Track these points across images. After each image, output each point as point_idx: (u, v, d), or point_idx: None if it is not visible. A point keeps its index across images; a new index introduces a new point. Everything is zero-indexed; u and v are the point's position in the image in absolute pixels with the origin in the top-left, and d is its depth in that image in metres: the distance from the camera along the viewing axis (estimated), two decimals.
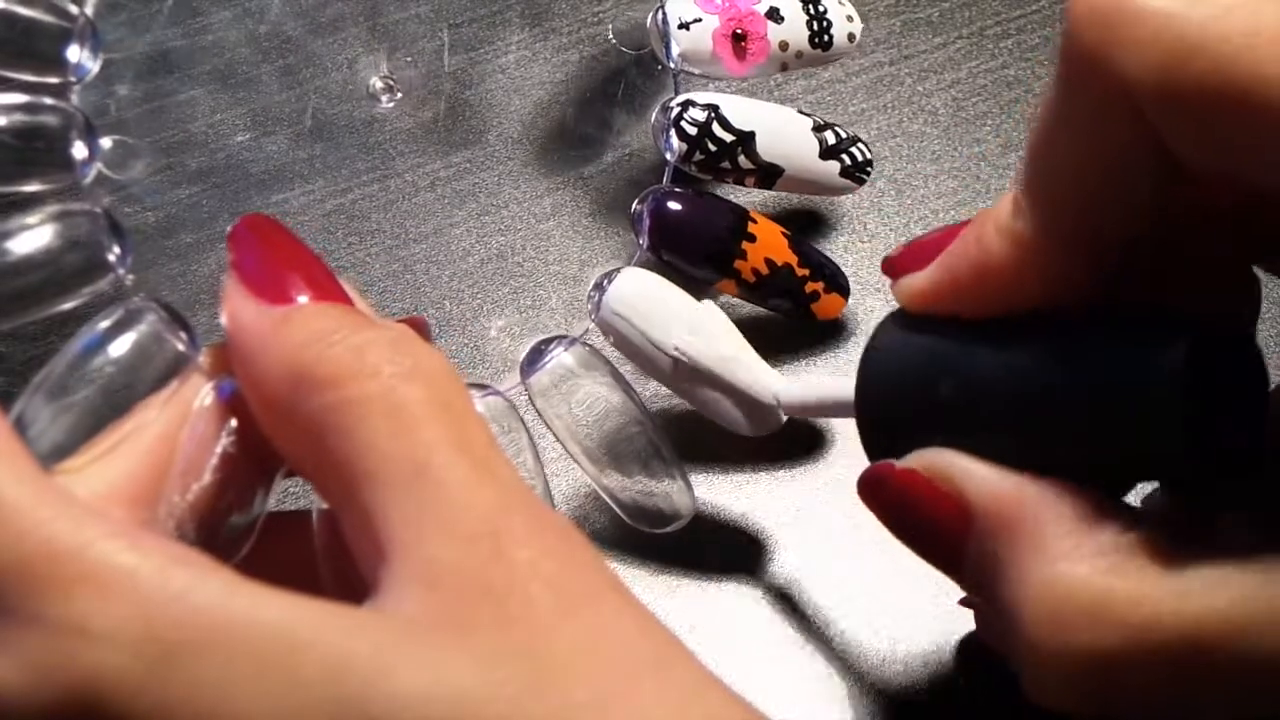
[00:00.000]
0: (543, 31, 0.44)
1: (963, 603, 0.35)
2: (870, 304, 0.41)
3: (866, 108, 0.44)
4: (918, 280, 0.28)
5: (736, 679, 0.23)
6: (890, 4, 0.45)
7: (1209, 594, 0.23)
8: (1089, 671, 0.24)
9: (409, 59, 0.42)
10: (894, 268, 0.29)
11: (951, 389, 0.27)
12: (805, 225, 0.42)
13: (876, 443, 0.29)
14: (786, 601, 0.37)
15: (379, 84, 0.42)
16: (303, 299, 0.26)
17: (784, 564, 0.37)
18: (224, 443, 0.27)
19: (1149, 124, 0.23)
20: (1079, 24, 0.23)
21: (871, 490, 0.29)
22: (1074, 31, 0.23)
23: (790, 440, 0.39)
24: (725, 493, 0.39)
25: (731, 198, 0.38)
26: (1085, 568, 0.24)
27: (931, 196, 0.43)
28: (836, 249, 0.42)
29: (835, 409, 0.31)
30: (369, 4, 0.43)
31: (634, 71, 0.41)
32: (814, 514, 0.38)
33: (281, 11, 0.42)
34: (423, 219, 0.41)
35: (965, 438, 0.27)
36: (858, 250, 0.42)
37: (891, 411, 0.29)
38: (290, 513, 0.30)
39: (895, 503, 0.28)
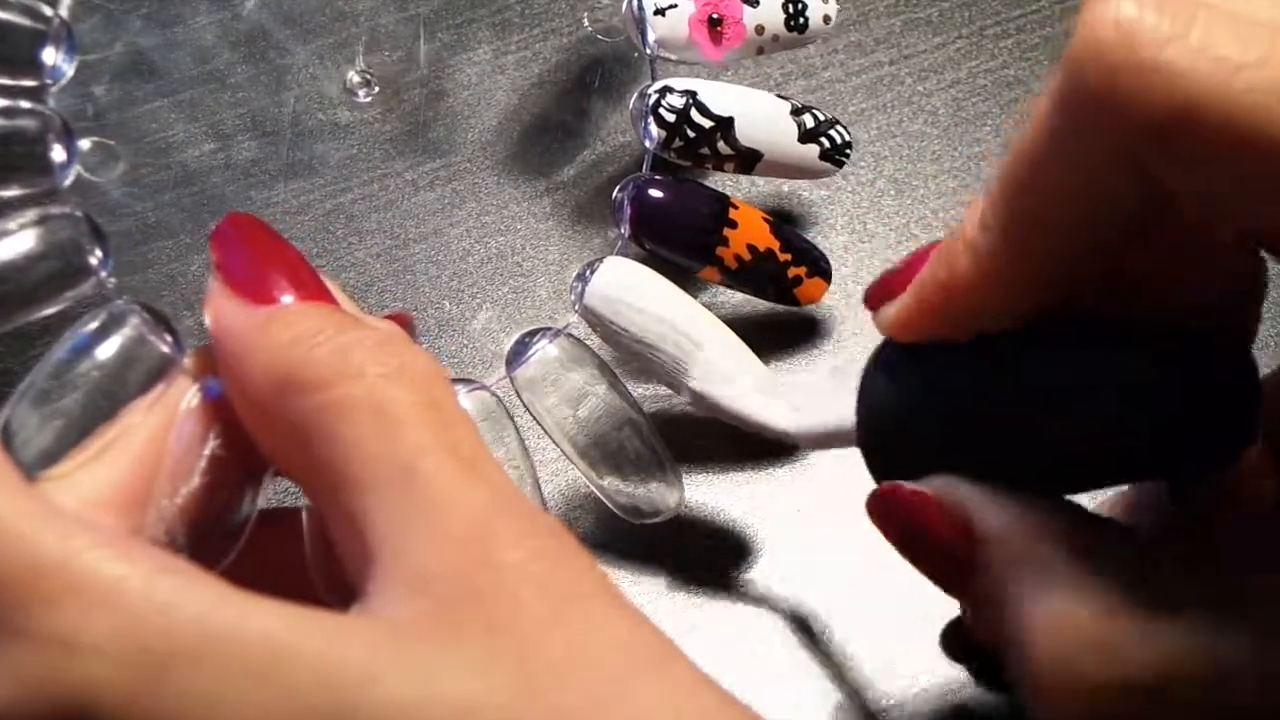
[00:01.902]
0: (519, 28, 0.43)
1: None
2: None
3: (866, 108, 0.43)
4: (892, 309, 0.28)
5: (736, 680, 0.23)
6: (890, 4, 0.44)
7: (1211, 639, 0.24)
8: (1094, 705, 0.24)
9: (386, 52, 0.42)
10: (871, 299, 0.29)
11: (943, 414, 0.28)
12: (805, 225, 0.42)
13: (881, 470, 0.29)
14: (786, 602, 0.37)
15: (355, 78, 0.41)
16: (287, 299, 0.25)
17: (784, 564, 0.37)
18: (212, 444, 0.26)
19: (1145, 170, 0.23)
20: (1082, 67, 0.22)
21: (880, 510, 0.29)
22: (1076, 73, 0.22)
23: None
24: (724, 493, 0.38)
25: (724, 186, 0.38)
26: (1089, 605, 0.24)
27: (931, 196, 0.42)
28: (836, 249, 0.41)
29: (839, 439, 0.31)
30: (345, 3, 0.42)
31: (611, 60, 0.41)
32: (814, 514, 0.38)
33: (258, 12, 0.42)
34: (422, 219, 0.41)
35: (966, 459, 0.27)
36: (858, 250, 0.41)
37: (891, 441, 0.29)
38: (283, 510, 0.29)
39: (903, 525, 0.28)
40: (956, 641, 0.35)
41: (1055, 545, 0.25)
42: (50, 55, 0.30)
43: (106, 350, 0.27)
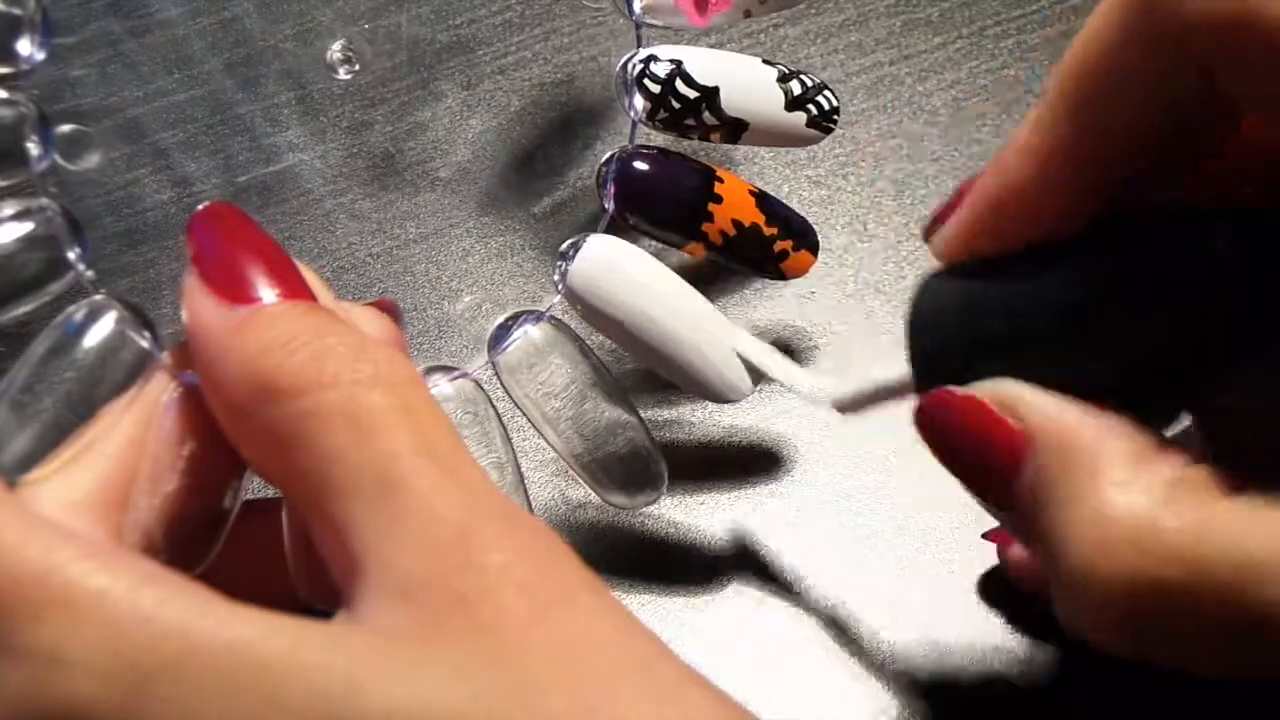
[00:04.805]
0: (519, 28, 0.43)
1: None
2: (870, 304, 0.40)
3: (866, 108, 0.42)
4: (945, 230, 0.27)
5: (735, 679, 0.23)
6: (890, 4, 0.44)
7: (1265, 536, 0.22)
8: (1128, 600, 0.23)
9: (364, 24, 0.42)
10: (926, 232, 0.29)
11: (999, 321, 0.26)
12: None
13: (931, 384, 0.28)
14: (785, 601, 0.36)
15: (338, 54, 0.40)
16: (264, 296, 0.25)
17: (783, 565, 0.36)
18: (191, 441, 0.26)
19: (1205, 68, 0.22)
20: None
21: (930, 416, 0.27)
22: None
23: (789, 442, 0.38)
24: (725, 493, 0.37)
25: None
26: (1139, 496, 0.23)
27: (931, 196, 0.41)
28: (836, 249, 0.40)
29: (887, 394, 0.30)
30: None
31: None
32: (814, 516, 0.37)
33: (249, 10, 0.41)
34: (422, 219, 0.40)
35: (1022, 369, 0.26)
36: (858, 250, 0.40)
37: (946, 362, 0.28)
38: (266, 500, 0.29)
39: (953, 429, 0.27)
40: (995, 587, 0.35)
41: (1107, 441, 0.24)
42: (25, 45, 0.29)
43: (85, 346, 0.27)
